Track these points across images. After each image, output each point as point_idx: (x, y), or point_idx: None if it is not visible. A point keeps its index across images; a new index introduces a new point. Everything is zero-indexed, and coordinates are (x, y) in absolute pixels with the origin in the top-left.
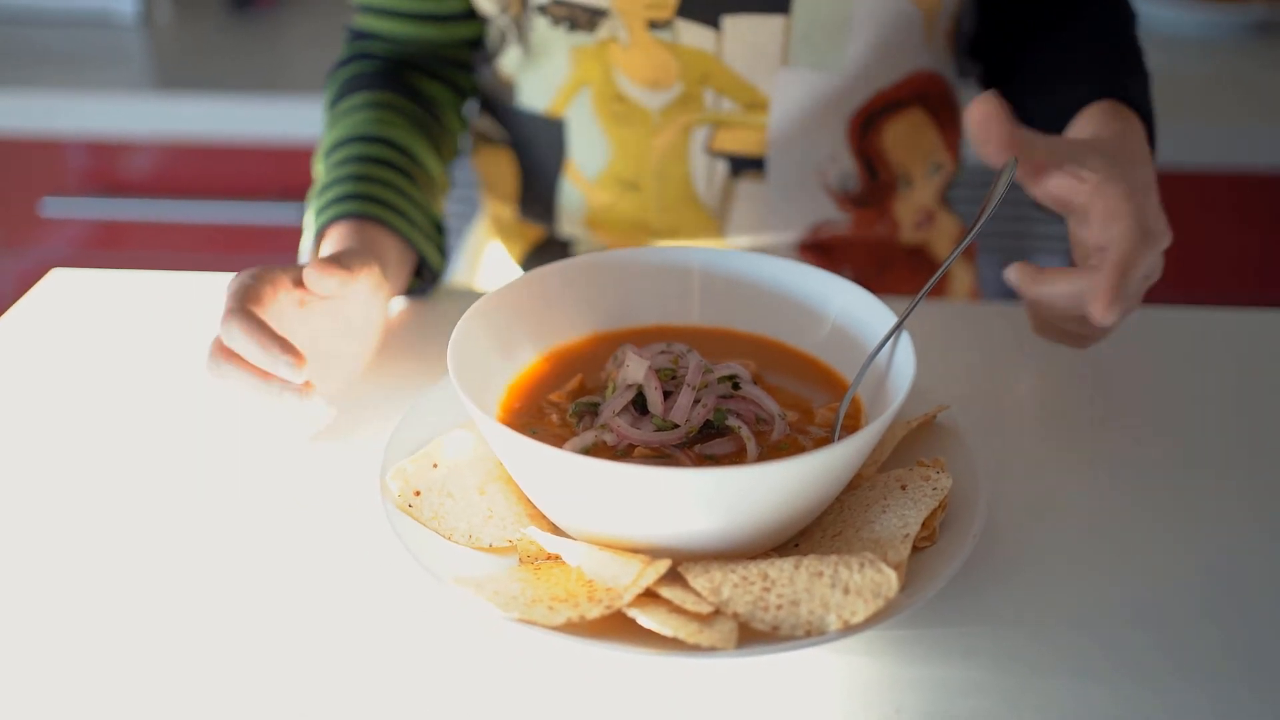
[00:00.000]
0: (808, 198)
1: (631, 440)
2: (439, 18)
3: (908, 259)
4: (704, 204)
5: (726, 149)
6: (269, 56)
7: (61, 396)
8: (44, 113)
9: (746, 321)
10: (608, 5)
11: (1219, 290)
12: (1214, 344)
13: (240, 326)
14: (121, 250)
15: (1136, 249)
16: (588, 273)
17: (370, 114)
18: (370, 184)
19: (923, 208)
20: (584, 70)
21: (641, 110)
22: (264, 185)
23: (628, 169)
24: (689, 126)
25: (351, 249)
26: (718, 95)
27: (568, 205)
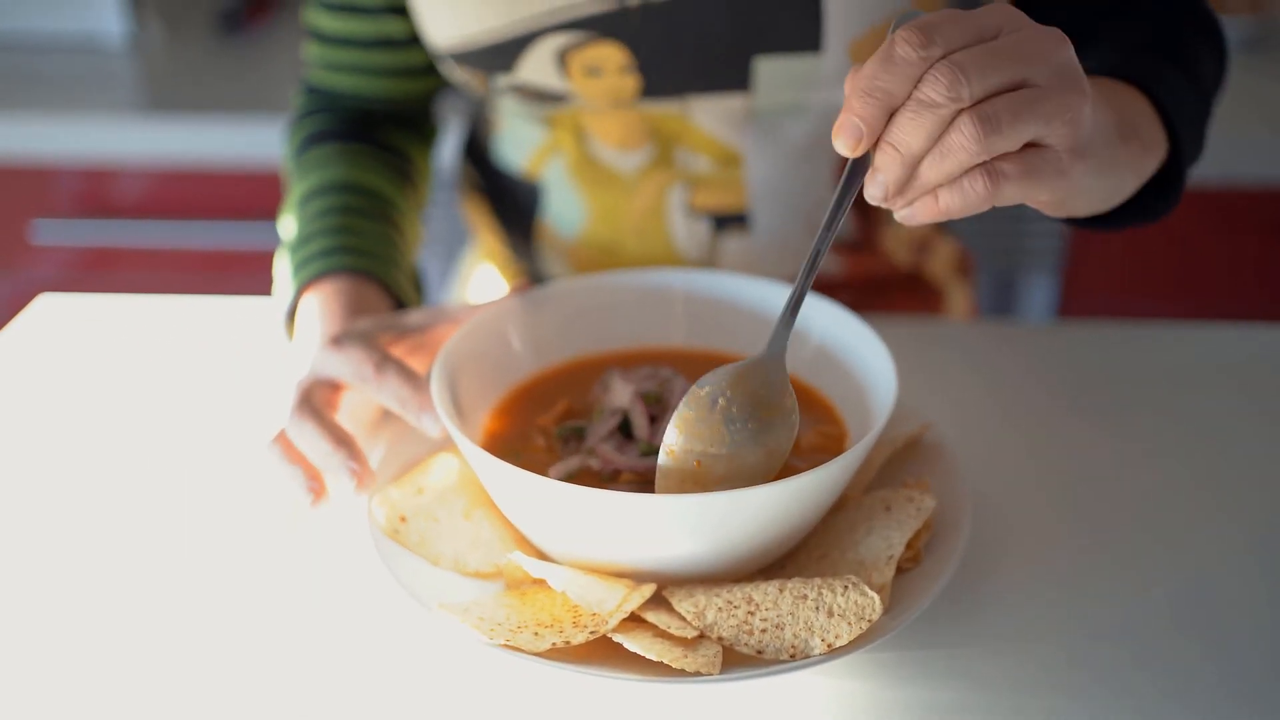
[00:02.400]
0: (799, 247)
1: (617, 466)
2: (404, 72)
3: (905, 284)
4: (688, 261)
5: (707, 206)
6: (259, 78)
7: (50, 423)
8: (33, 136)
9: (730, 343)
10: (571, 91)
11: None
12: (1210, 361)
13: (311, 423)
14: (112, 272)
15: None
16: (573, 295)
17: (344, 162)
18: (355, 236)
19: (917, 236)
20: (557, 136)
21: (616, 172)
22: (255, 207)
23: (606, 230)
24: (665, 186)
25: (366, 326)
26: (690, 153)
27: (549, 254)
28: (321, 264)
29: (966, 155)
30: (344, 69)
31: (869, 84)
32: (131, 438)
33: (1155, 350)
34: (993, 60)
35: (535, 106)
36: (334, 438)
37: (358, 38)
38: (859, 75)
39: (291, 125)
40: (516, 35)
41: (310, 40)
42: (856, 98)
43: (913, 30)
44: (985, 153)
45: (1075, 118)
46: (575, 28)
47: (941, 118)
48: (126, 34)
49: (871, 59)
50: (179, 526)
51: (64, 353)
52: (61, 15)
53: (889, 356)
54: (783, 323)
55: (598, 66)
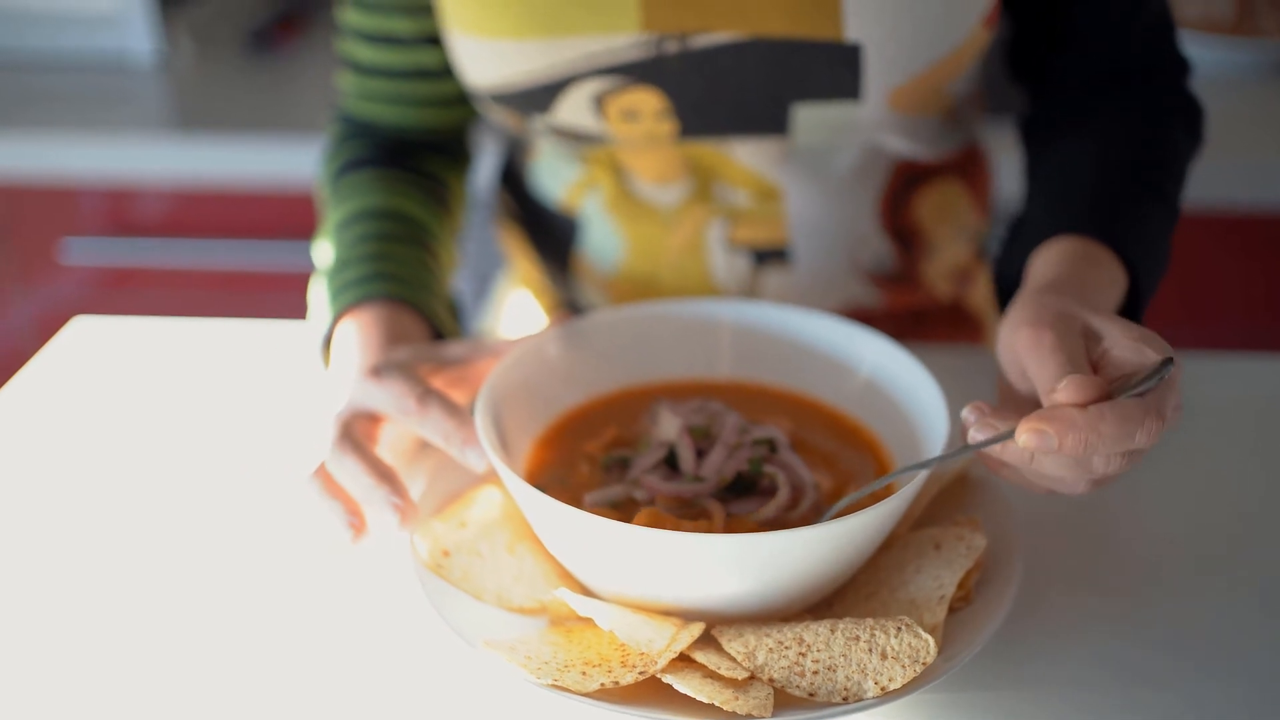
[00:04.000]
0: (840, 282)
1: (662, 492)
2: (439, 102)
3: (945, 315)
4: (728, 295)
5: (747, 240)
6: (289, 98)
7: (86, 447)
8: (64, 155)
9: (779, 375)
10: (608, 133)
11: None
12: (1249, 394)
13: (353, 457)
14: (141, 290)
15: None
16: (621, 325)
17: (380, 189)
18: (391, 262)
19: (957, 268)
20: (594, 170)
21: (654, 206)
22: (286, 227)
23: (644, 264)
24: (704, 220)
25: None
26: (729, 188)
27: (587, 285)
28: (358, 291)
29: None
30: (379, 99)
31: (1101, 435)
32: (167, 465)
33: (1203, 380)
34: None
35: (572, 145)
36: (376, 472)
37: (393, 68)
38: (1104, 421)
39: (327, 152)
40: (554, 79)
41: (345, 70)
42: (1080, 433)
43: (1157, 424)
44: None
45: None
46: (613, 73)
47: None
48: (157, 53)
49: (1121, 417)
50: (218, 557)
51: (98, 376)
52: (92, 34)
53: (940, 394)
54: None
55: (635, 111)
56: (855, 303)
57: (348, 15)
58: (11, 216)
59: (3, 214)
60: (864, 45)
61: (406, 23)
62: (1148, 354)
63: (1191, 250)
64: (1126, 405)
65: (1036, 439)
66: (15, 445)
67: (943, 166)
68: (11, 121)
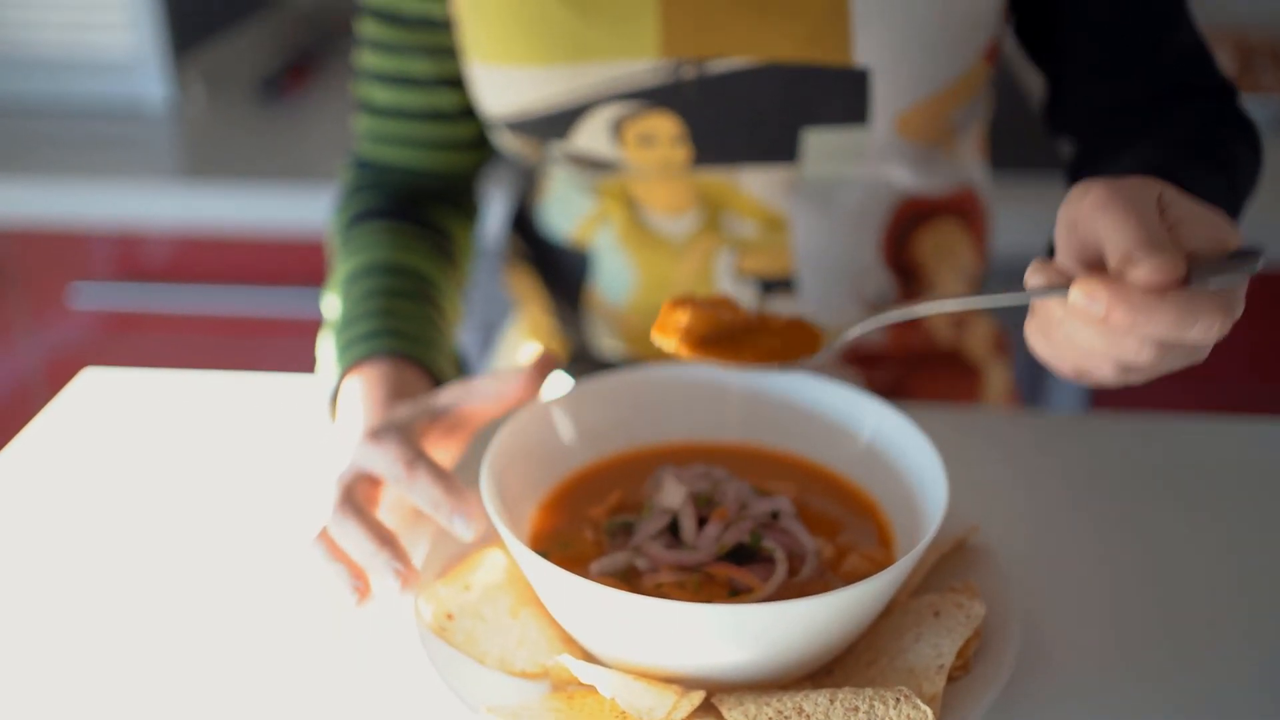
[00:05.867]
0: (844, 314)
1: (664, 562)
2: (452, 146)
3: (944, 360)
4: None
5: (754, 270)
6: (299, 145)
7: (97, 500)
8: (75, 200)
9: (784, 439)
10: (624, 159)
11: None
12: (1259, 458)
13: (355, 522)
14: (149, 335)
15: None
16: (627, 388)
17: (388, 243)
18: (397, 319)
19: (956, 313)
20: (605, 203)
21: (665, 237)
22: (296, 273)
23: (655, 295)
24: (713, 250)
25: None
26: (738, 218)
27: (598, 323)
28: (363, 347)
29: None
30: (394, 141)
31: (1154, 318)
32: (176, 520)
33: (1212, 446)
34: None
35: (587, 174)
36: (377, 536)
37: (409, 110)
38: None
39: (339, 201)
40: (573, 105)
41: (361, 112)
42: (1134, 311)
43: (1219, 322)
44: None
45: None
46: (631, 98)
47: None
48: (169, 99)
49: (1184, 307)
50: (226, 615)
51: (109, 428)
52: (105, 80)
53: (938, 460)
54: None
55: (651, 136)
56: (858, 337)
57: (365, 58)
58: (22, 260)
59: (13, 258)
60: (872, 70)
61: (424, 64)
62: (1225, 238)
63: None
64: (1194, 295)
65: (1085, 300)
66: (27, 497)
67: (943, 205)
68: (24, 166)
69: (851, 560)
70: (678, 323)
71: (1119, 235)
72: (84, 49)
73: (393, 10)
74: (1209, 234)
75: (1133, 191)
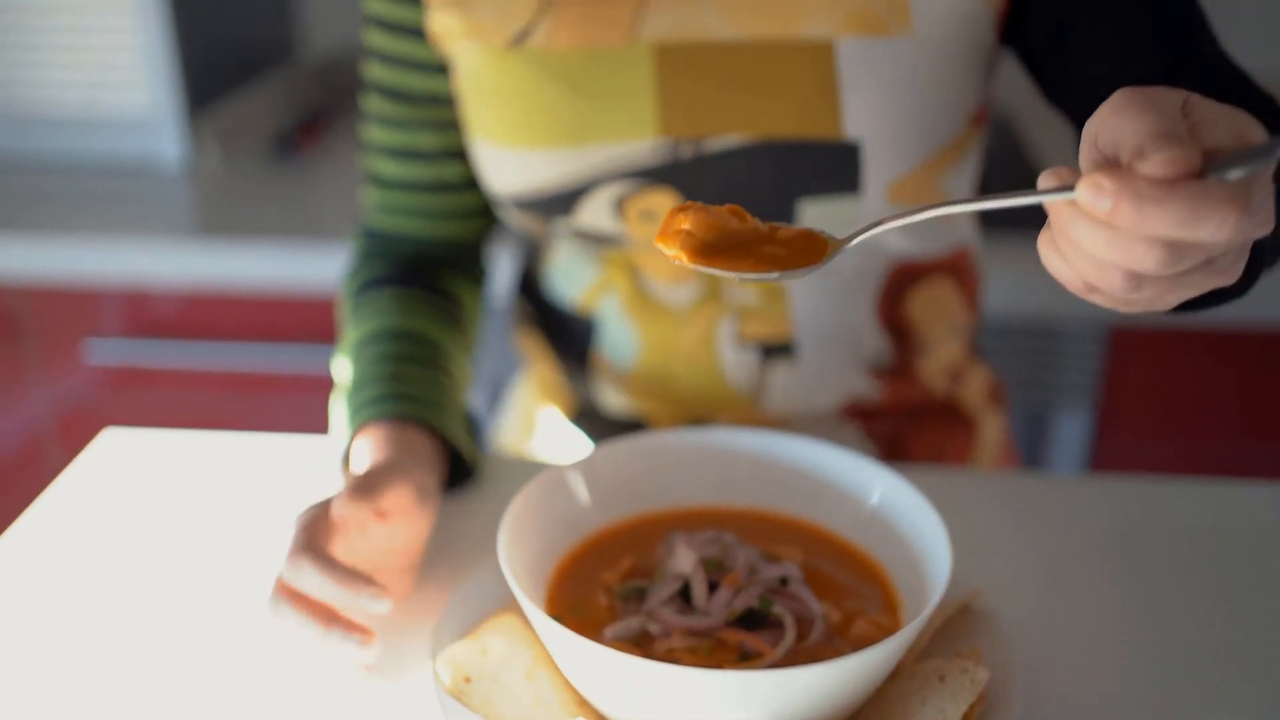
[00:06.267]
0: (842, 375)
1: (676, 627)
2: (459, 215)
3: (940, 412)
4: (737, 388)
5: (755, 337)
6: (311, 202)
7: (118, 563)
8: (90, 257)
9: (792, 504)
10: (627, 234)
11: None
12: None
13: (311, 564)
14: (162, 390)
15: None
16: (639, 454)
17: (398, 309)
18: (405, 383)
19: (950, 365)
20: (610, 273)
21: (668, 306)
22: (307, 331)
23: (659, 360)
24: (715, 318)
25: (385, 465)
26: (738, 287)
27: (604, 382)
28: (373, 411)
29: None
30: (402, 212)
31: (1163, 210)
32: (195, 578)
33: (1218, 511)
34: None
35: (591, 246)
36: (339, 575)
37: (417, 182)
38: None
39: (349, 269)
40: (577, 185)
41: (370, 185)
42: (1141, 201)
43: (1235, 217)
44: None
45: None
46: (632, 177)
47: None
48: (184, 157)
49: (1195, 197)
50: (243, 683)
51: (129, 489)
52: (122, 139)
53: (941, 525)
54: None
55: (652, 212)
56: (857, 395)
57: (372, 133)
58: (38, 315)
59: (29, 313)
60: (863, 143)
61: (431, 138)
62: (1246, 133)
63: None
64: (1206, 186)
65: (1091, 194)
66: (52, 557)
67: (935, 265)
68: (40, 223)
69: (859, 625)
70: (679, 227)
71: (1133, 129)
72: (100, 108)
73: (398, 87)
74: (1231, 129)
75: (1156, 93)
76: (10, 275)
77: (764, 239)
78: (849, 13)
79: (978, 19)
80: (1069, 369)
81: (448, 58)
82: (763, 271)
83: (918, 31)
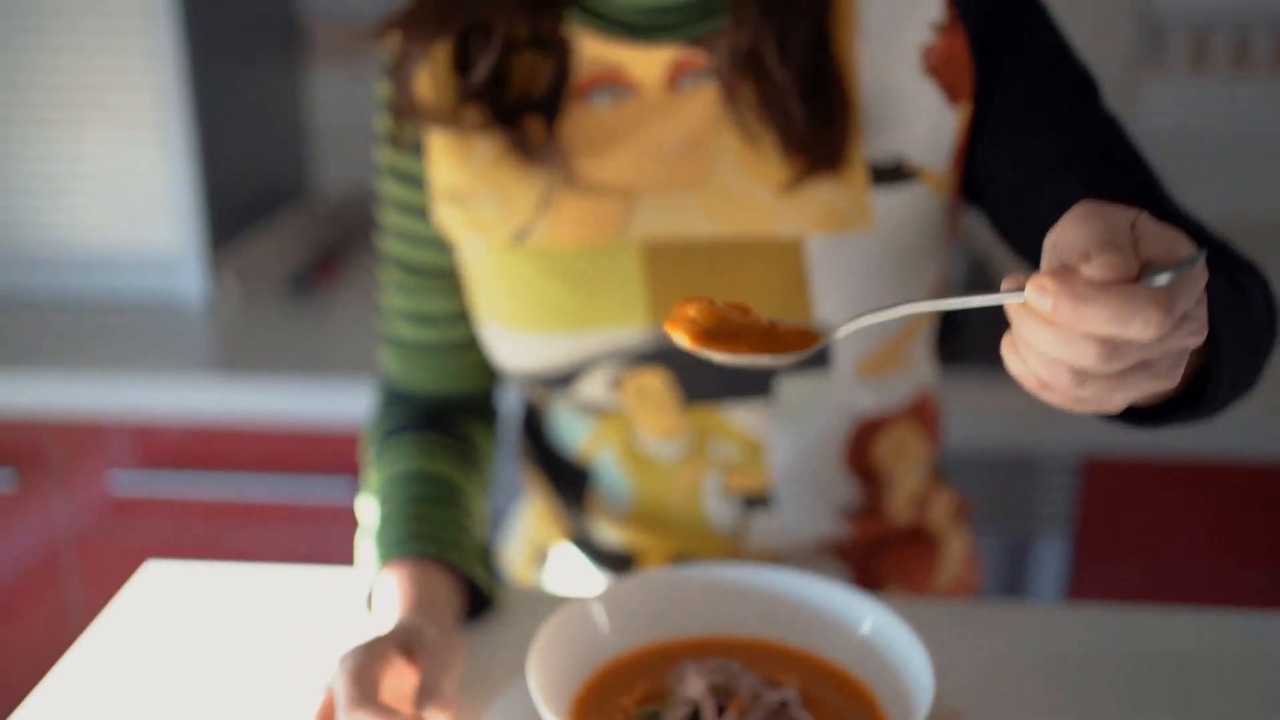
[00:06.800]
0: (816, 521)
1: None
2: (471, 370)
3: (907, 537)
4: (721, 532)
5: (737, 488)
6: (326, 338)
7: (165, 694)
8: (116, 391)
9: (790, 634)
10: (622, 405)
11: (1226, 573)
12: (1233, 650)
13: (370, 718)
14: (186, 520)
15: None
16: (654, 588)
17: (418, 453)
18: (426, 522)
19: (915, 496)
20: (606, 430)
21: (658, 460)
22: (327, 463)
23: (650, 507)
24: (701, 472)
25: (424, 635)
26: (722, 443)
27: (600, 519)
28: (397, 549)
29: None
30: (419, 369)
31: (1096, 309)
32: (243, 713)
33: (1175, 636)
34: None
35: (589, 412)
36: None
37: (430, 343)
38: (1111, 304)
39: (372, 418)
40: (575, 365)
41: (387, 345)
42: (1077, 302)
43: (1158, 318)
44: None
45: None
46: (626, 358)
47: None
48: (205, 295)
49: (1123, 299)
50: None
51: (173, 623)
52: (147, 277)
53: (924, 653)
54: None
55: (644, 387)
56: (830, 537)
57: (388, 299)
58: (63, 447)
59: (56, 445)
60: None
61: (442, 304)
62: (1177, 248)
63: (1176, 493)
64: (1134, 289)
65: (1036, 294)
66: (101, 691)
67: (898, 415)
68: (67, 359)
69: None
70: (686, 314)
71: (1083, 236)
72: (127, 248)
73: (410, 261)
74: (1164, 243)
75: (1110, 208)
76: (39, 408)
77: (763, 331)
78: (817, 214)
79: (931, 212)
80: (1047, 500)
81: (453, 241)
82: (756, 355)
83: (878, 228)
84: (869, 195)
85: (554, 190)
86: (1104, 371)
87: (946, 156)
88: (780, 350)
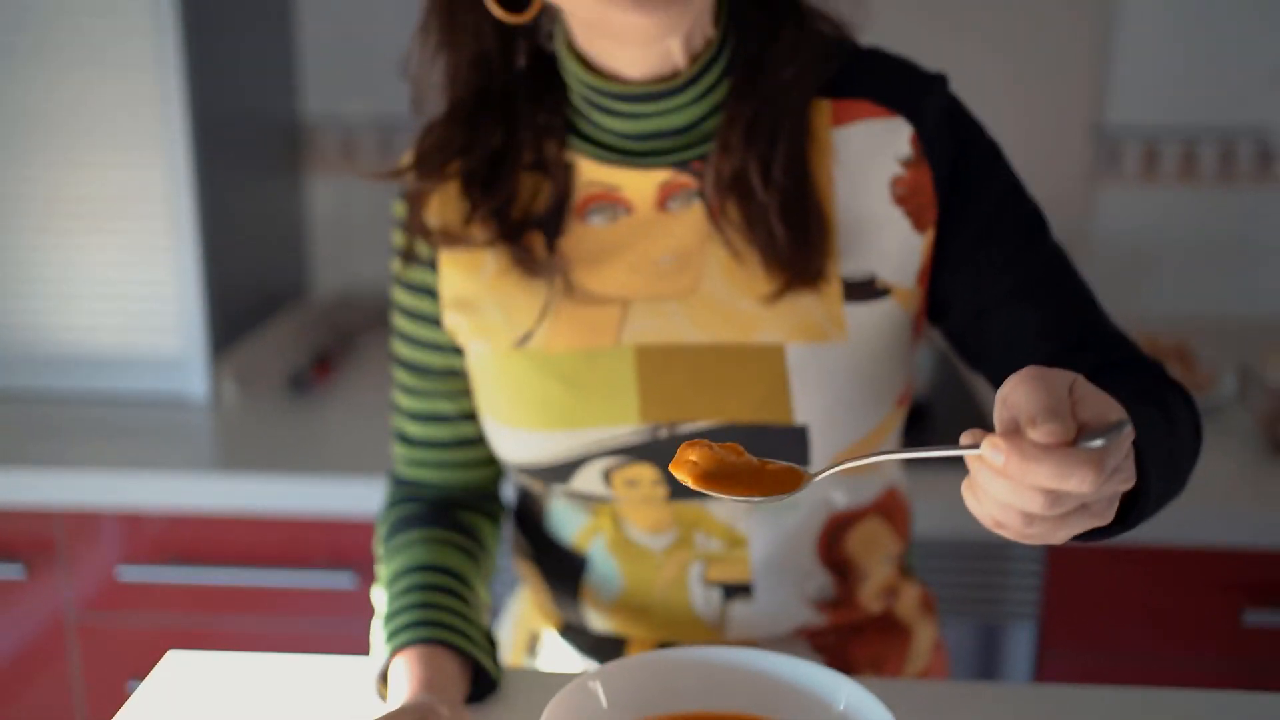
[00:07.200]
0: (791, 610)
1: None
2: (476, 464)
3: (877, 624)
4: (703, 619)
5: (719, 578)
6: (323, 435)
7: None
8: (121, 487)
9: (775, 710)
10: (614, 497)
11: (1191, 656)
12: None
13: None
14: (188, 611)
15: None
16: (652, 666)
17: (426, 546)
18: (434, 610)
19: (884, 586)
20: (598, 521)
21: (647, 551)
22: (324, 555)
23: (638, 594)
24: (686, 563)
25: (438, 712)
26: (706, 536)
27: (590, 607)
28: (405, 636)
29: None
30: (427, 465)
31: (1039, 467)
32: None
33: (1136, 715)
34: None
35: (583, 504)
36: None
37: (438, 440)
38: (1050, 465)
39: (382, 512)
40: (571, 459)
41: (397, 442)
42: (1025, 461)
43: (1091, 475)
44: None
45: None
46: (618, 453)
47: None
48: (208, 395)
49: (1062, 460)
50: None
51: (196, 712)
52: (153, 378)
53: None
54: None
55: (635, 480)
56: (805, 625)
57: (398, 398)
58: (72, 542)
59: (65, 537)
60: (810, 427)
61: (449, 404)
62: (1108, 414)
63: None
64: (1071, 452)
65: (991, 452)
66: None
67: (868, 509)
68: (73, 457)
69: None
70: (688, 458)
71: (1030, 401)
72: (134, 349)
73: (418, 363)
74: (1097, 409)
75: (1052, 374)
76: (49, 502)
77: (755, 470)
78: (795, 324)
79: (899, 324)
80: (1015, 586)
81: (460, 346)
82: (749, 496)
83: (851, 337)
84: (844, 308)
85: (555, 300)
86: (1048, 515)
87: (913, 276)
88: (770, 491)
